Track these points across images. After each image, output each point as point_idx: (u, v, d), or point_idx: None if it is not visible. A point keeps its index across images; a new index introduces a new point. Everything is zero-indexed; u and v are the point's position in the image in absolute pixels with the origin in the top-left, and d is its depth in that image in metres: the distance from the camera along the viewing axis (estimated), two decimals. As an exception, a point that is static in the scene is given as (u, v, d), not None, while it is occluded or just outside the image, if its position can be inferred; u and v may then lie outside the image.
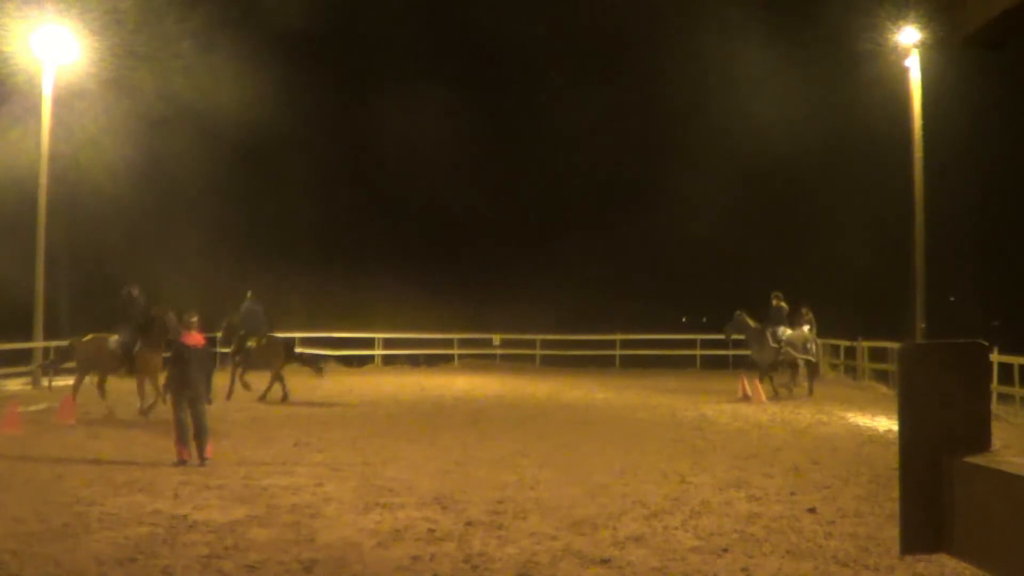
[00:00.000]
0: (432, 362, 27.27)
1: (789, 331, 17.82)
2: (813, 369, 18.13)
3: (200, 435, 9.87)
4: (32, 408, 14.35)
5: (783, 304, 17.90)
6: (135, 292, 14.78)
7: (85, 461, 9.82)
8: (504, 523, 7.20)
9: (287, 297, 29.02)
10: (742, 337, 18.64)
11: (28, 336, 20.04)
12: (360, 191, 39.66)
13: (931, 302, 22.28)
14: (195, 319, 10.45)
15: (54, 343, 19.87)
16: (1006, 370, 15.43)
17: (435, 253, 40.27)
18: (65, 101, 21.71)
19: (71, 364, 15.70)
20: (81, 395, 14.68)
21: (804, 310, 19.22)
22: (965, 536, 3.15)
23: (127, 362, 14.29)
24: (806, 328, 18.23)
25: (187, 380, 9.99)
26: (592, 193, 43.50)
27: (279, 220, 36.57)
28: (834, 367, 23.54)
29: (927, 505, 3.25)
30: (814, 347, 18.21)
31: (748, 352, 18.77)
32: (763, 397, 17.00)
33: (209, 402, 10.27)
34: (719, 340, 26.53)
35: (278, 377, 16.48)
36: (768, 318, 17.83)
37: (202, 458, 9.79)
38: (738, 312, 18.02)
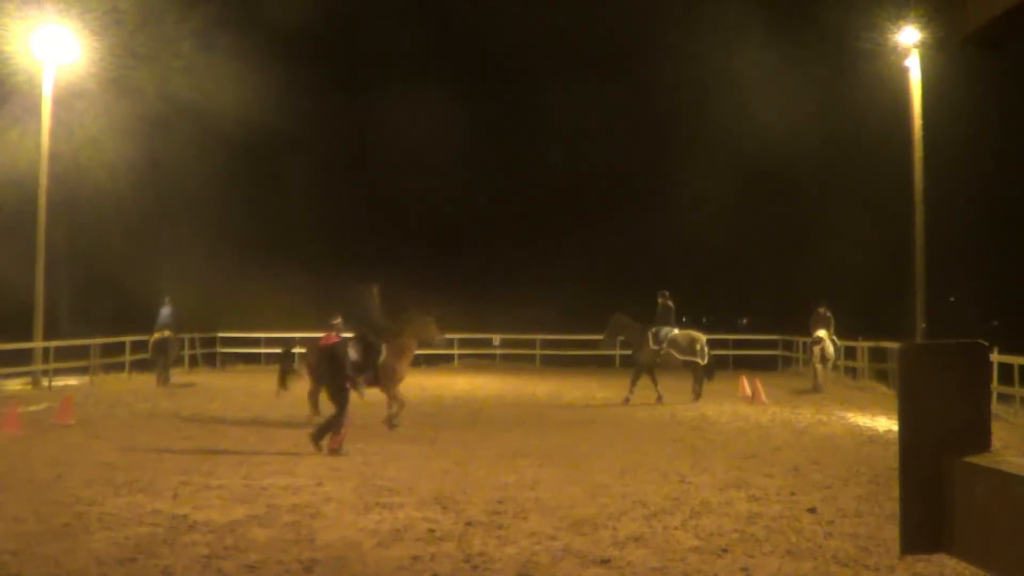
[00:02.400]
0: (432, 362, 27.26)
1: (676, 331, 17.16)
2: (702, 371, 17.12)
3: (331, 427, 10.57)
4: (32, 408, 14.34)
5: (670, 304, 17.30)
6: (374, 290, 14.21)
7: (85, 461, 9.81)
8: (504, 523, 7.20)
9: (287, 297, 29.02)
10: (623, 338, 18.39)
11: (28, 336, 20.05)
12: (360, 191, 39.69)
13: (931, 302, 22.29)
14: (338, 321, 11.04)
15: (55, 343, 19.90)
16: (1006, 370, 15.43)
17: (435, 253, 40.29)
18: (65, 101, 21.73)
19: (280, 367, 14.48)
20: (79, 394, 14.69)
21: (822, 310, 19.29)
22: (965, 536, 3.15)
23: (369, 370, 12.75)
24: (690, 332, 17.54)
25: (336, 377, 10.75)
26: (592, 193, 43.55)
27: (279, 220, 36.60)
28: (834, 367, 23.53)
29: (927, 505, 3.25)
30: (702, 347, 17.09)
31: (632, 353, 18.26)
32: (763, 397, 16.99)
33: (361, 396, 11.51)
34: (719, 340, 26.54)
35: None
36: (654, 318, 17.36)
37: (330, 448, 10.40)
38: (616, 313, 17.46)
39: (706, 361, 17.18)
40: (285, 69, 29.60)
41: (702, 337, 17.52)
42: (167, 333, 20.44)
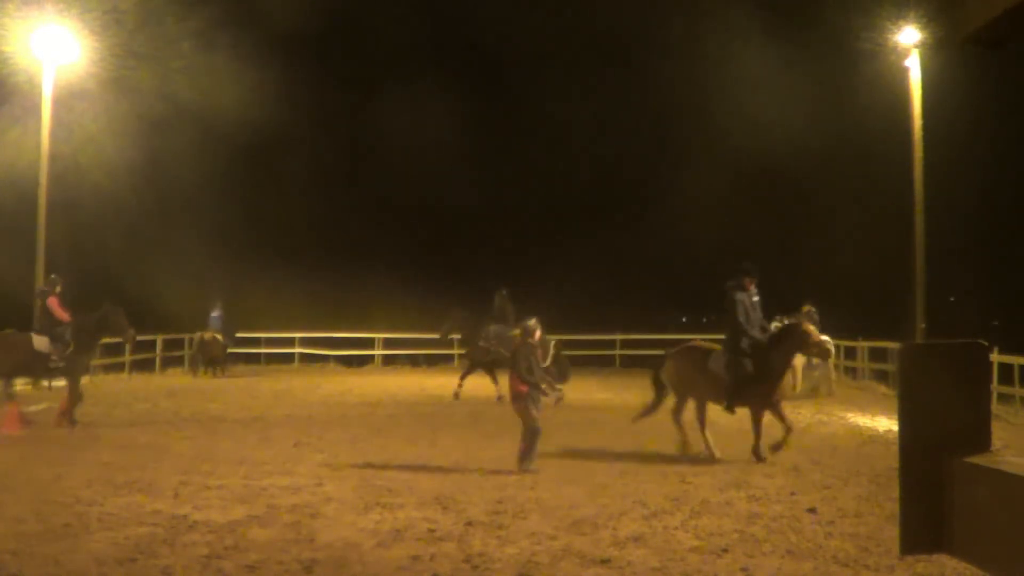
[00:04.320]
0: (432, 362, 27.27)
1: (516, 332, 16.70)
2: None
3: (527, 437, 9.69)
4: (32, 408, 14.33)
5: (507, 302, 17.00)
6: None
7: (85, 461, 9.81)
8: (504, 523, 7.20)
9: (287, 297, 29.05)
10: (458, 336, 18.15)
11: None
12: (360, 191, 39.73)
13: (931, 302, 22.28)
14: (533, 322, 10.13)
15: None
16: (1006, 370, 15.43)
17: (435, 253, 40.31)
18: (65, 101, 21.72)
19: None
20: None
21: (806, 308, 18.81)
22: (965, 536, 3.15)
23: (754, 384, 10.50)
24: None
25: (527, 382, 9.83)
26: (592, 193, 43.54)
27: (279, 220, 36.60)
28: (834, 367, 23.51)
29: (927, 505, 3.25)
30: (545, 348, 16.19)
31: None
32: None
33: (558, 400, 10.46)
34: (719, 340, 26.53)
35: None
36: (491, 316, 17.16)
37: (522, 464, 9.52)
38: (455, 309, 17.23)
39: (549, 362, 16.17)
40: (285, 69, 29.62)
41: (549, 339, 16.59)
42: (216, 336, 21.40)
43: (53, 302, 13.40)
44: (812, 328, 10.90)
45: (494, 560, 6.18)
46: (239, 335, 24.54)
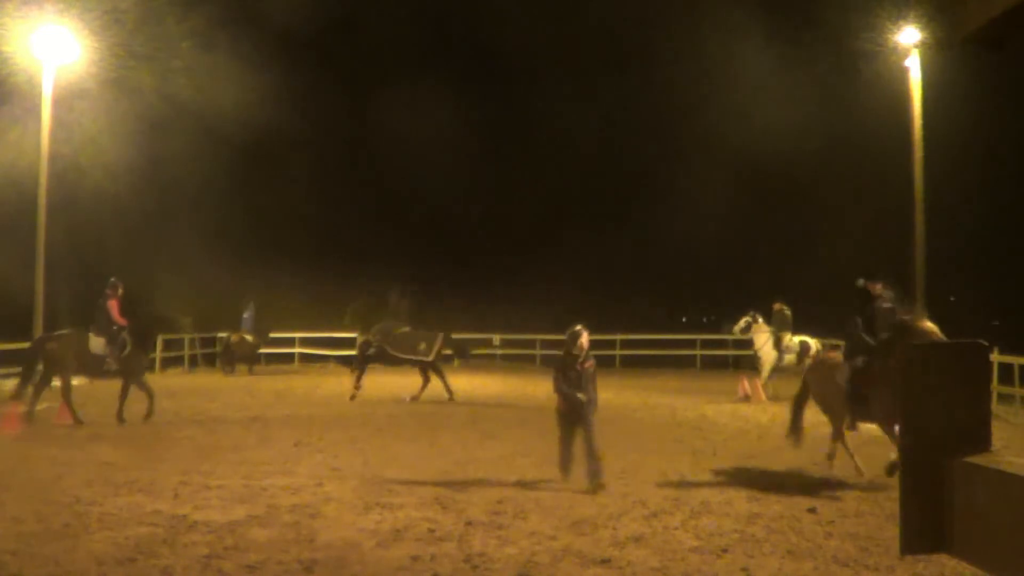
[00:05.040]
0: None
1: (406, 329, 16.47)
2: (428, 369, 16.44)
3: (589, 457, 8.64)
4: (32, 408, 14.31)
5: (403, 300, 16.78)
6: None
7: (85, 461, 9.81)
8: (504, 523, 7.20)
9: (287, 297, 29.03)
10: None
11: (28, 336, 20.03)
12: (360, 191, 39.70)
13: (931, 302, 22.25)
14: (579, 327, 8.96)
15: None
16: (1006, 370, 15.44)
17: (435, 253, 40.28)
18: (65, 101, 21.71)
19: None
20: (79, 394, 14.60)
21: (777, 306, 18.29)
22: (965, 536, 3.15)
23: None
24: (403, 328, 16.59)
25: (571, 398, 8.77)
26: (592, 193, 43.53)
27: (279, 220, 36.58)
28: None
29: (927, 505, 3.25)
30: (427, 346, 16.27)
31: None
32: (762, 397, 17.00)
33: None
34: (719, 340, 26.54)
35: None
36: (388, 312, 17.01)
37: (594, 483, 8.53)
38: (355, 303, 17.12)
39: (431, 357, 16.31)
40: (286, 69, 29.57)
41: (428, 335, 16.58)
42: (246, 336, 21.77)
43: (113, 305, 13.60)
44: (931, 326, 8.74)
45: (494, 560, 6.18)
46: (273, 335, 25.00)
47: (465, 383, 20.66)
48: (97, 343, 13.42)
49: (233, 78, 24.74)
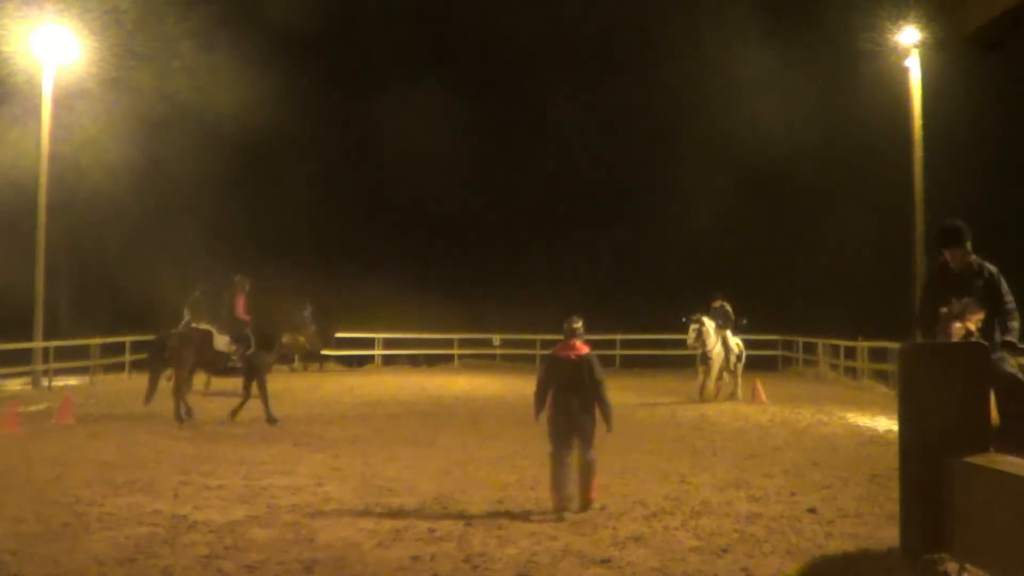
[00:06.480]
0: (432, 362, 27.30)
1: (205, 327, 14.91)
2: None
3: (584, 472, 7.54)
4: (32, 408, 14.34)
5: (199, 298, 15.42)
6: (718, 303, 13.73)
7: (85, 461, 9.81)
8: (504, 523, 7.20)
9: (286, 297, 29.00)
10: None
11: (28, 336, 20.04)
12: (360, 191, 39.67)
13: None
14: (579, 325, 8.19)
15: (55, 343, 19.90)
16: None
17: (435, 252, 40.24)
18: (65, 101, 21.72)
19: None
20: (79, 394, 14.66)
21: (717, 302, 17.69)
22: (965, 536, 3.15)
23: None
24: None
25: (567, 408, 7.62)
26: (592, 193, 43.47)
27: (279, 220, 36.55)
28: (834, 367, 23.53)
29: (927, 505, 3.25)
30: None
31: None
32: (763, 397, 17.00)
33: (608, 430, 7.80)
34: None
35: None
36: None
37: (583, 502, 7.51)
38: (195, 295, 15.89)
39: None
40: (285, 69, 29.55)
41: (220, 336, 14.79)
42: (299, 337, 21.88)
43: (240, 301, 13.54)
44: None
45: (494, 560, 6.18)
46: (338, 336, 24.89)
47: (465, 383, 20.68)
48: (222, 340, 13.34)
49: (233, 78, 24.78)
